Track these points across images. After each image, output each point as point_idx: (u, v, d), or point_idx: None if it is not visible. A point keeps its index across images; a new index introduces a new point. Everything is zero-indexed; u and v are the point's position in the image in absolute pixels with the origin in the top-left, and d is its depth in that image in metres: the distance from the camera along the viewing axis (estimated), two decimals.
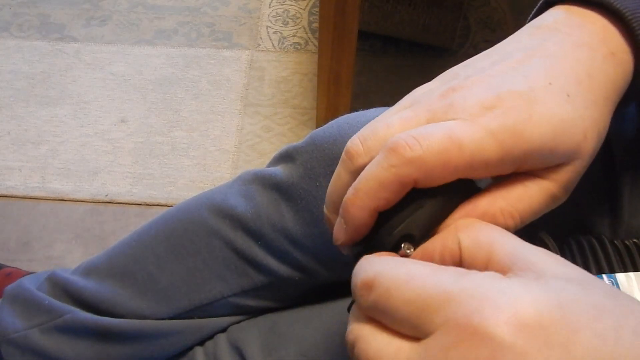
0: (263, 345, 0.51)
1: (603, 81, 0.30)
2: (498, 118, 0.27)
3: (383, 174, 0.27)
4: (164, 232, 0.55)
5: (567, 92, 0.29)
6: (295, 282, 0.51)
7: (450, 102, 0.29)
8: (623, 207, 0.40)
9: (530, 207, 0.29)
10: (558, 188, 0.29)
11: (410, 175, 0.27)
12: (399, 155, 0.27)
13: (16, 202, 1.11)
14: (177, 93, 1.28)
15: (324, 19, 0.90)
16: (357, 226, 0.29)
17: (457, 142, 0.26)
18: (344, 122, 0.49)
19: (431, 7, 1.25)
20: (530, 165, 0.28)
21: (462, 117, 0.28)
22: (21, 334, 0.57)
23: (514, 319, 0.21)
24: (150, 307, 0.54)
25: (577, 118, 0.28)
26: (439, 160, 0.27)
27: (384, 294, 0.24)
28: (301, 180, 0.48)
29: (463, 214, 0.28)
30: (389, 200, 0.28)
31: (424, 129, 0.27)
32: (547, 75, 0.29)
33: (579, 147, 0.28)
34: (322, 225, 0.47)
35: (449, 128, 0.27)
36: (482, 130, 0.27)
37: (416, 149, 0.27)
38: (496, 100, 0.28)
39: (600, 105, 0.30)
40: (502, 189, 0.29)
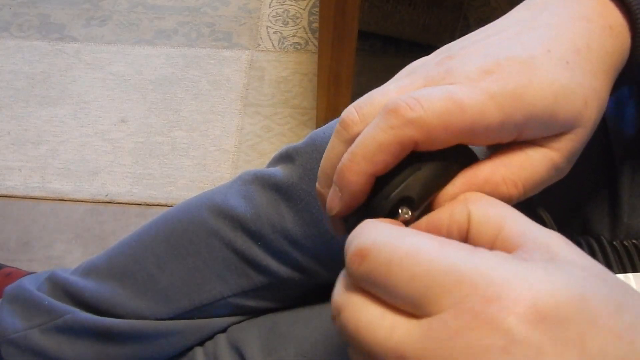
0: (263, 345, 0.51)
1: (601, 53, 0.29)
2: (498, 82, 0.27)
3: (382, 136, 0.26)
4: (164, 232, 0.55)
5: (566, 60, 0.28)
6: (295, 283, 0.51)
7: (447, 68, 0.28)
8: (622, 207, 0.40)
9: (533, 176, 0.28)
10: (560, 157, 0.28)
11: (410, 136, 0.26)
12: (399, 116, 0.26)
13: (16, 202, 1.11)
14: (177, 93, 1.28)
15: (324, 19, 0.90)
16: (353, 192, 0.28)
17: (459, 103, 0.26)
18: None
19: (431, 7, 1.25)
20: (531, 132, 0.28)
21: (461, 81, 0.27)
22: (21, 334, 0.57)
23: (533, 310, 0.20)
24: (150, 308, 0.54)
25: (577, 85, 0.28)
26: (440, 121, 0.26)
27: (382, 267, 0.22)
28: (301, 180, 0.48)
29: (464, 181, 0.28)
30: (387, 164, 0.27)
31: (424, 90, 0.27)
32: (545, 43, 0.29)
33: (580, 114, 0.28)
34: (322, 225, 0.47)
35: (450, 90, 0.26)
36: (483, 94, 0.26)
37: (417, 109, 0.26)
38: (495, 66, 0.27)
39: (599, 77, 0.29)
40: (503, 156, 0.28)
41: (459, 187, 0.27)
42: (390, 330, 0.22)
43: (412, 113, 0.26)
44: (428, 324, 0.21)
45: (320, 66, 0.99)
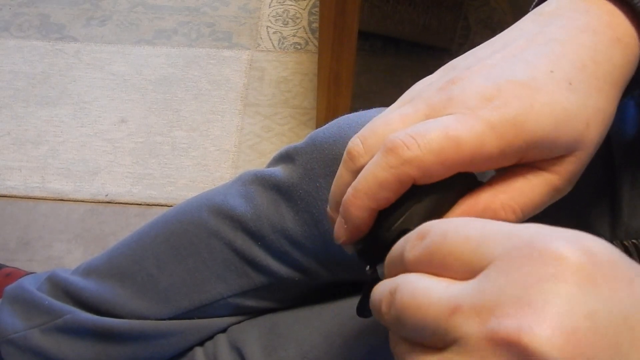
0: (263, 345, 0.51)
1: (609, 67, 0.29)
2: (498, 110, 0.27)
3: (382, 174, 0.27)
4: (164, 233, 0.55)
5: (569, 80, 0.28)
6: (295, 283, 0.51)
7: (449, 95, 0.28)
8: (622, 208, 0.40)
9: (532, 200, 0.28)
10: (561, 180, 0.29)
11: (408, 174, 0.27)
12: (397, 156, 0.27)
13: (16, 202, 1.11)
14: (177, 93, 1.28)
15: (324, 19, 0.90)
16: (357, 225, 0.29)
17: (455, 139, 0.26)
18: (344, 122, 0.48)
19: (431, 7, 1.25)
20: (533, 156, 0.28)
21: (460, 111, 0.27)
22: (21, 334, 0.57)
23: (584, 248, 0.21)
24: (150, 308, 0.54)
25: (580, 107, 0.28)
26: (437, 159, 0.26)
27: (439, 237, 0.24)
28: (301, 181, 0.48)
29: (464, 209, 0.28)
30: (388, 199, 0.28)
31: (422, 126, 0.27)
32: (549, 62, 0.28)
33: (582, 137, 0.28)
34: (322, 226, 0.47)
35: (447, 125, 0.27)
36: (481, 124, 0.27)
37: (414, 148, 0.27)
38: (496, 91, 0.27)
39: (605, 91, 0.29)
40: (503, 182, 0.29)
41: (458, 214, 0.28)
42: (445, 288, 0.22)
43: (409, 153, 0.27)
44: (481, 276, 0.22)
45: (320, 66, 0.99)
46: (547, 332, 0.19)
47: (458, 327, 0.21)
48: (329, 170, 0.46)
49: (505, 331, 0.20)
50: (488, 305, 0.21)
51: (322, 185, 0.47)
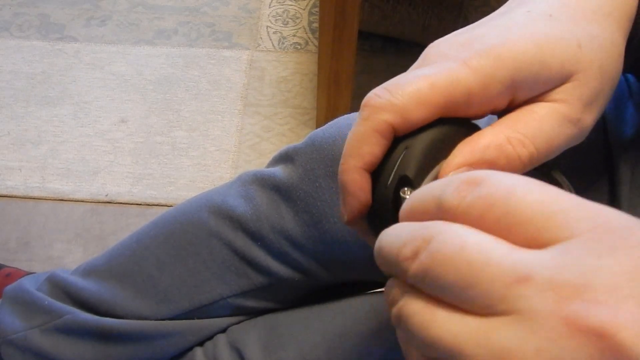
0: (263, 346, 0.51)
1: (598, 2, 0.28)
2: (472, 48, 0.26)
3: (359, 129, 0.27)
4: (164, 233, 0.55)
5: (549, 13, 0.28)
6: (295, 283, 0.51)
7: (425, 55, 0.28)
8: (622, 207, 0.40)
9: (542, 132, 0.26)
10: (569, 107, 0.27)
11: (384, 121, 0.26)
12: (369, 106, 0.26)
13: (16, 202, 1.11)
14: (177, 93, 1.28)
15: (324, 19, 0.90)
16: (353, 192, 0.27)
17: (427, 78, 0.26)
18: (343, 122, 0.48)
19: (431, 7, 1.25)
20: (527, 88, 0.27)
21: (436, 61, 0.27)
22: (21, 335, 0.57)
23: None
24: (150, 308, 0.54)
25: (565, 31, 0.27)
26: (411, 100, 0.26)
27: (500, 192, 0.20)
28: (301, 181, 0.48)
29: (465, 147, 0.27)
30: (374, 155, 0.27)
31: (396, 78, 0.27)
32: (526, 6, 0.28)
33: (575, 58, 0.27)
34: (322, 226, 0.47)
35: (419, 72, 0.27)
36: (454, 63, 0.26)
37: (385, 95, 0.26)
38: (472, 37, 0.27)
39: (597, 21, 0.28)
40: (506, 119, 0.27)
41: (460, 154, 0.26)
42: (511, 251, 0.19)
43: (380, 100, 0.26)
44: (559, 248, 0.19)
45: (320, 66, 0.99)
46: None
47: (524, 300, 0.18)
48: (328, 170, 0.46)
49: (597, 319, 0.17)
50: (573, 284, 0.18)
51: (322, 185, 0.47)
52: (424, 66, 0.27)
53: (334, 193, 0.46)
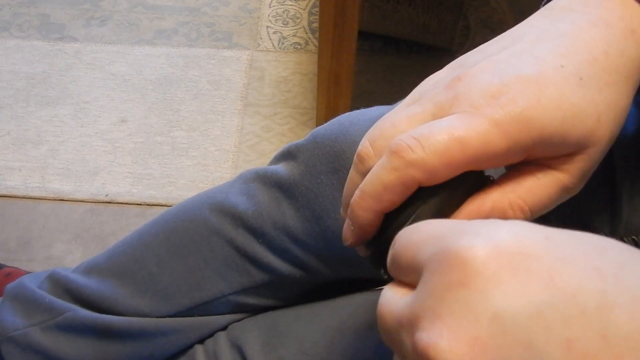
0: (263, 343, 0.51)
1: (621, 60, 0.29)
2: (504, 107, 0.26)
3: (386, 177, 0.27)
4: (165, 231, 0.55)
5: (580, 75, 0.28)
6: (296, 281, 0.51)
7: (455, 94, 0.28)
8: (622, 205, 0.40)
9: (541, 199, 0.28)
10: (570, 179, 0.28)
11: (413, 177, 0.27)
12: (401, 158, 0.27)
13: (16, 202, 1.11)
14: (177, 93, 1.28)
15: (324, 19, 0.90)
16: (362, 226, 0.29)
17: (459, 140, 0.26)
18: (345, 119, 0.49)
19: (431, 7, 1.25)
20: (541, 152, 0.27)
21: (466, 110, 0.27)
22: (21, 332, 0.57)
23: (489, 244, 0.20)
24: (151, 306, 0.54)
25: (590, 102, 0.27)
26: (441, 161, 0.26)
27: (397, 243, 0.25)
28: (302, 178, 0.48)
29: (472, 208, 0.28)
30: (393, 202, 0.28)
31: (427, 127, 0.27)
32: (558, 56, 0.28)
33: (592, 133, 0.27)
34: (324, 222, 0.47)
35: (451, 125, 0.27)
36: (486, 123, 0.26)
37: (418, 150, 0.26)
38: (502, 87, 0.27)
39: (618, 85, 0.28)
40: (512, 181, 0.28)
41: (466, 216, 0.28)
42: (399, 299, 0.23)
43: (413, 155, 0.26)
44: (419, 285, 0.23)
45: (320, 66, 0.99)
46: (450, 343, 0.19)
47: (403, 341, 0.22)
48: (330, 167, 0.46)
49: (420, 344, 0.20)
50: (414, 318, 0.21)
51: (324, 181, 0.47)
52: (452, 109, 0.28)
53: (335, 189, 0.46)
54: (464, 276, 0.20)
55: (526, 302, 0.19)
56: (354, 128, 0.46)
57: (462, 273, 0.20)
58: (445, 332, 0.20)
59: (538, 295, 0.19)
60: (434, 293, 0.21)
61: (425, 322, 0.21)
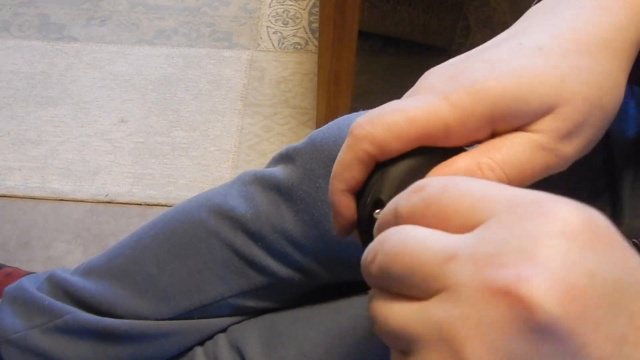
0: (263, 345, 0.51)
1: (594, 31, 0.29)
2: (456, 83, 0.28)
3: (343, 156, 0.29)
4: (164, 233, 0.55)
5: (539, 47, 0.28)
6: (295, 283, 0.51)
7: (417, 86, 0.30)
8: (623, 207, 0.40)
9: (513, 157, 0.28)
10: (545, 137, 0.28)
11: (365, 151, 0.28)
12: (353, 136, 0.28)
13: (16, 202, 1.11)
14: (177, 93, 1.28)
15: (324, 19, 0.90)
16: (339, 211, 0.30)
17: (405, 113, 0.27)
18: (343, 123, 0.48)
19: (431, 7, 1.25)
20: (506, 122, 0.28)
21: (422, 92, 0.29)
22: (21, 335, 0.57)
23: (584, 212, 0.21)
24: (150, 308, 0.54)
25: (550, 67, 0.28)
26: (390, 134, 0.27)
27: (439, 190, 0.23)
28: (301, 181, 0.48)
29: (438, 171, 0.28)
30: (355, 179, 0.29)
31: (380, 108, 0.29)
32: (519, 38, 0.29)
33: (557, 93, 0.27)
34: (322, 226, 0.47)
35: (401, 103, 0.28)
36: (435, 98, 0.28)
37: (367, 126, 0.28)
38: (456, 70, 0.28)
39: (593, 53, 0.29)
40: (483, 145, 0.29)
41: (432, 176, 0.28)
42: (441, 237, 0.22)
43: (362, 131, 0.28)
44: (480, 228, 0.21)
45: (320, 66, 0.99)
46: (547, 283, 0.19)
47: (451, 275, 0.21)
48: (328, 170, 0.46)
49: (503, 280, 0.19)
50: (487, 255, 0.20)
51: (322, 185, 0.47)
52: (413, 96, 0.29)
53: None
54: (566, 230, 0.20)
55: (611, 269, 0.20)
56: None
57: (564, 227, 0.20)
58: (541, 271, 0.19)
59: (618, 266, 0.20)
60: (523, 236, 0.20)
61: (511, 260, 0.20)
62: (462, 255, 0.21)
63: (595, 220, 0.21)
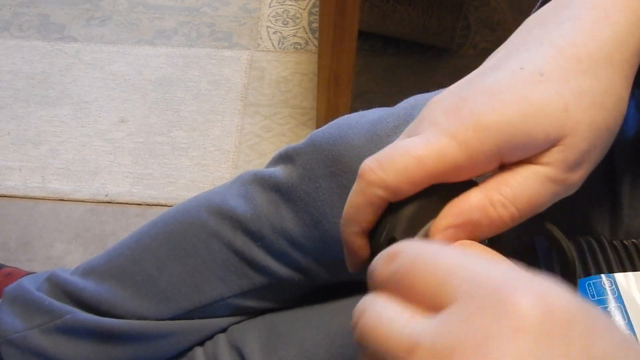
0: (263, 345, 0.51)
1: (594, 44, 0.28)
2: (460, 119, 0.27)
3: (355, 200, 0.29)
4: (164, 233, 0.55)
5: (540, 72, 0.28)
6: (294, 283, 0.51)
7: (421, 117, 0.29)
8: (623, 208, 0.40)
9: (523, 192, 0.28)
10: (554, 170, 0.28)
11: (377, 195, 0.28)
12: (364, 180, 0.28)
13: (16, 202, 1.11)
14: (177, 93, 1.28)
15: (324, 19, 0.90)
16: (353, 250, 0.31)
17: (415, 157, 0.27)
18: (343, 123, 0.48)
19: (431, 7, 1.25)
20: (513, 155, 0.28)
21: (426, 129, 0.28)
22: (21, 335, 0.58)
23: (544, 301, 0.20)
24: (150, 308, 0.54)
25: (553, 95, 0.27)
26: (402, 178, 0.27)
27: (408, 262, 0.24)
28: (301, 181, 0.48)
29: (451, 210, 0.28)
30: (368, 221, 0.29)
31: (388, 148, 0.29)
32: (518, 60, 0.29)
33: (561, 124, 0.27)
34: (322, 226, 0.47)
35: (409, 144, 0.28)
36: (441, 136, 0.27)
37: (378, 171, 0.28)
38: (460, 102, 0.28)
39: (595, 69, 0.28)
40: (492, 180, 0.28)
41: (445, 217, 0.28)
42: (408, 320, 0.22)
43: (374, 176, 0.28)
44: (443, 314, 0.22)
45: (320, 66, 0.99)
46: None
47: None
48: (328, 171, 0.46)
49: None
50: (446, 350, 0.20)
51: (322, 185, 0.47)
52: (417, 131, 0.29)
53: (333, 193, 0.46)
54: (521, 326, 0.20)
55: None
56: (353, 132, 0.46)
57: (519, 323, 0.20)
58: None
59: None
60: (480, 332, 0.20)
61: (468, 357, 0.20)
62: (423, 346, 0.21)
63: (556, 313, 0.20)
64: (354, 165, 0.45)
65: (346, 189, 0.45)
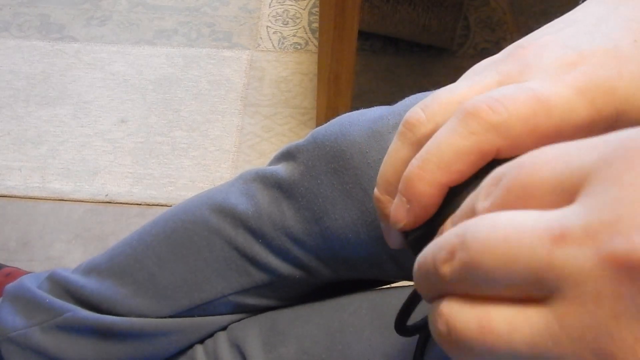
0: (263, 343, 0.51)
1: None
2: (585, 75, 0.24)
3: (460, 142, 0.23)
4: (165, 231, 0.55)
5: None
6: (296, 281, 0.51)
7: (525, 62, 0.25)
8: None
9: None
10: None
11: (493, 143, 0.23)
12: (481, 120, 0.23)
13: (16, 202, 1.11)
14: (177, 93, 1.28)
15: (324, 19, 0.90)
16: (424, 204, 0.25)
17: (545, 103, 0.23)
18: (345, 120, 0.48)
19: (431, 7, 1.25)
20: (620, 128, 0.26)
21: (541, 76, 0.24)
22: (21, 332, 0.57)
23: None
24: (151, 306, 0.54)
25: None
26: (526, 126, 0.23)
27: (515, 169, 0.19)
28: (302, 178, 0.48)
29: None
30: (463, 173, 0.24)
31: (505, 89, 0.24)
32: (629, 33, 0.25)
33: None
34: (323, 223, 0.47)
35: (533, 88, 0.23)
36: (569, 90, 0.23)
37: (501, 111, 0.23)
38: (578, 57, 0.24)
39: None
40: None
41: None
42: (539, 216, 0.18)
43: (496, 117, 0.23)
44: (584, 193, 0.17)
45: (320, 66, 0.99)
46: None
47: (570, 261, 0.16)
48: (330, 167, 0.46)
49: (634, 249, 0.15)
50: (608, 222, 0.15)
51: (324, 182, 0.47)
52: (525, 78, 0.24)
53: (335, 190, 0.46)
54: None
55: None
56: (354, 128, 0.46)
57: None
58: None
59: None
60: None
61: None
62: (573, 231, 0.16)
63: None
64: (355, 162, 0.45)
65: (347, 185, 0.45)
